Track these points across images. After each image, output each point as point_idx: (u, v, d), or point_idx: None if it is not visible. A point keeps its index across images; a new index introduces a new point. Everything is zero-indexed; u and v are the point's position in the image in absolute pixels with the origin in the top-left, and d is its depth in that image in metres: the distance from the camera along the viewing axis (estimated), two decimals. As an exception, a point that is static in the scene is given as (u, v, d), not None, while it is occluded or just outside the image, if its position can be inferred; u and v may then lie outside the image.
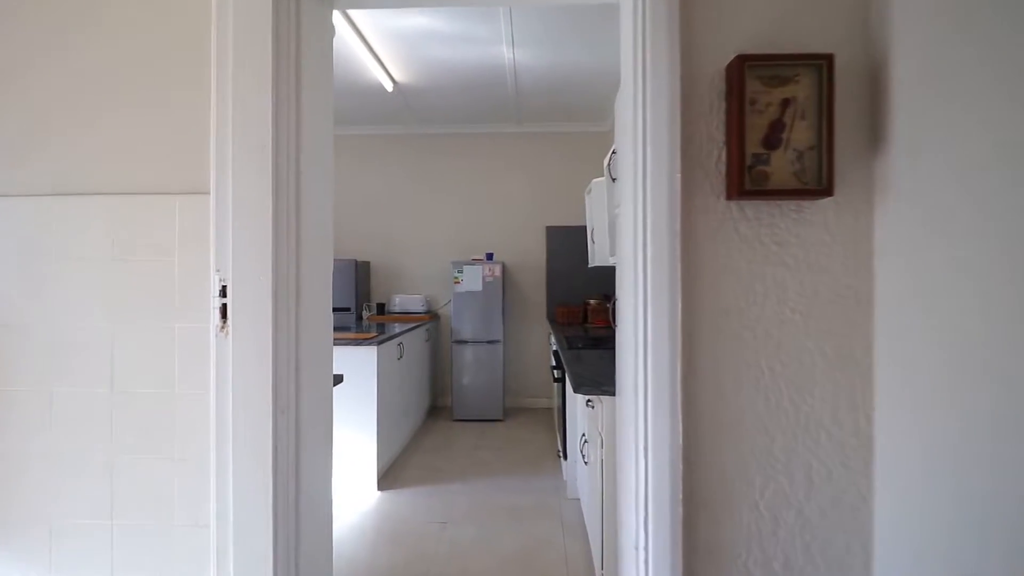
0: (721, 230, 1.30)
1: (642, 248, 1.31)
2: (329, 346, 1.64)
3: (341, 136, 5.62)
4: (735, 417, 1.29)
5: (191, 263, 1.37)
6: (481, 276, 5.02)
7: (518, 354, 5.57)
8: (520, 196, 5.59)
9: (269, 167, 1.32)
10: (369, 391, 3.42)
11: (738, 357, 1.29)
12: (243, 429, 1.31)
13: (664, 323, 1.27)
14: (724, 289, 1.30)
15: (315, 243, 1.50)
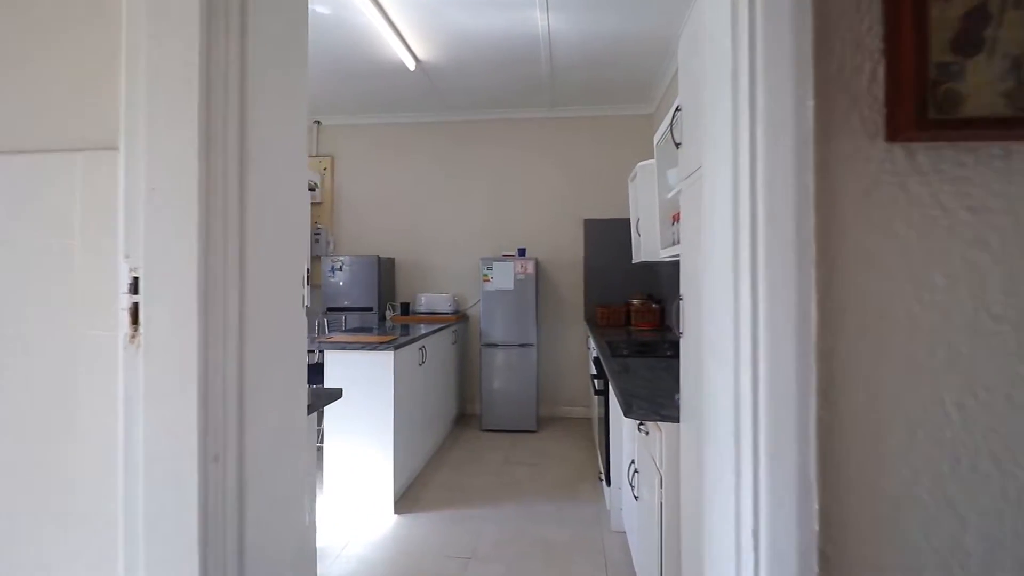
0: (878, 189, 0.83)
1: (748, 225, 0.84)
2: (298, 365, 1.23)
3: (362, 126, 5.29)
4: (902, 488, 0.81)
5: (101, 245, 0.98)
6: (512, 274, 4.59)
7: (553, 359, 5.12)
8: (555, 187, 5.13)
9: (194, 109, 0.91)
10: (385, 401, 3.03)
11: (906, 391, 0.82)
12: (158, 484, 0.92)
13: (787, 336, 0.81)
14: (882, 282, 0.82)
15: (273, 221, 1.09)
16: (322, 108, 5.05)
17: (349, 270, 4.83)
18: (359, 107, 5.01)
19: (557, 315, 5.11)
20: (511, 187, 5.17)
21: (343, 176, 5.34)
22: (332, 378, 3.07)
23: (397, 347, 3.04)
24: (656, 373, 2.33)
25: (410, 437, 3.37)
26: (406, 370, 3.29)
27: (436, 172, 5.24)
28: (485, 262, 4.63)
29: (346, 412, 3.06)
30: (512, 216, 5.17)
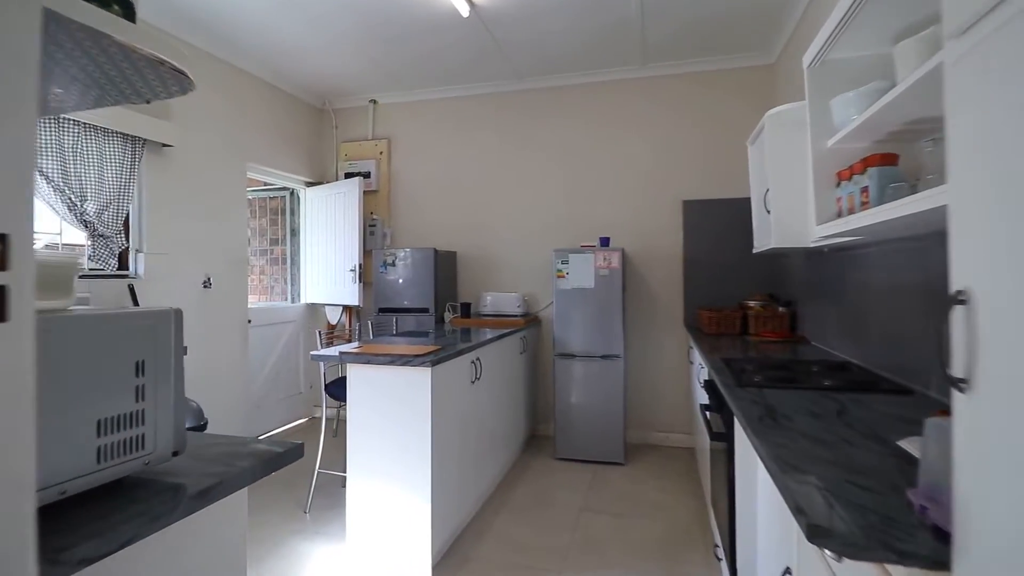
0: None
1: None
2: None
3: (420, 103, 4.65)
4: None
5: None
6: (593, 268, 3.73)
7: (644, 374, 4.18)
8: (646, 162, 4.19)
9: None
10: (419, 431, 2.31)
11: None
12: None
13: None
14: None
15: None
16: (376, 84, 4.48)
17: (403, 265, 4.21)
18: (415, 79, 4.38)
19: (649, 319, 4.17)
20: (591, 165, 4.30)
21: (400, 160, 4.74)
22: (357, 398, 2.40)
23: (436, 362, 2.31)
24: (829, 427, 1.39)
25: (457, 474, 2.63)
26: (451, 390, 2.55)
27: (503, 151, 4.49)
28: (559, 255, 3.81)
29: (371, 443, 2.37)
30: (593, 199, 4.30)
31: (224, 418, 3.80)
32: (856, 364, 2.30)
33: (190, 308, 3.52)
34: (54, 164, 2.65)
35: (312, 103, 4.78)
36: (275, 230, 5.04)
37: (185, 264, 3.49)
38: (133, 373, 0.92)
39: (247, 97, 4.05)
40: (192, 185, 3.55)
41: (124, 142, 3.02)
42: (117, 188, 2.97)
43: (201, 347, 3.60)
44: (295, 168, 4.60)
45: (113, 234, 2.97)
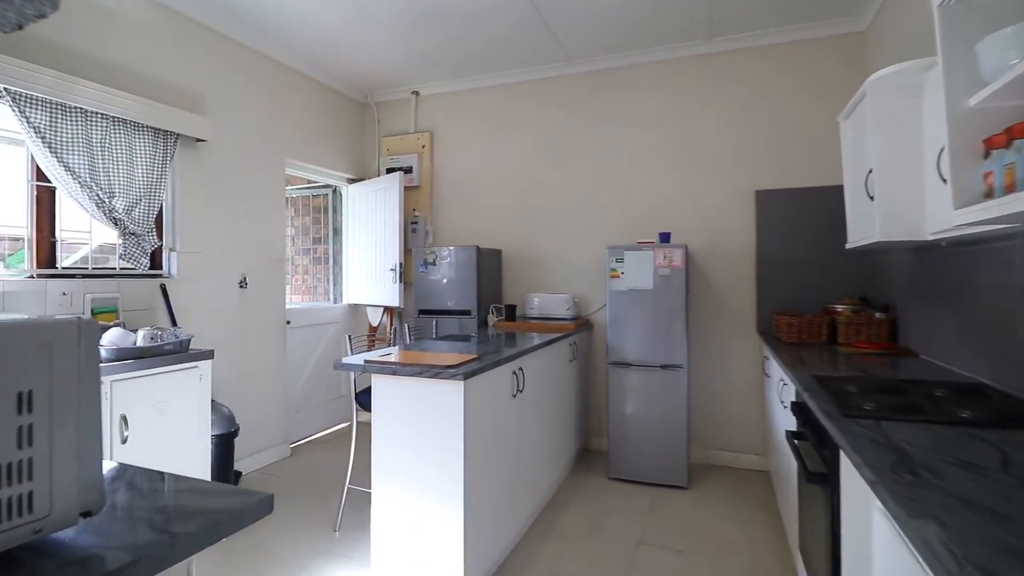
0: None
1: None
2: None
3: (464, 93, 4.39)
4: None
5: None
6: (652, 267, 3.33)
7: (710, 386, 3.73)
8: (712, 149, 3.74)
9: None
10: (450, 450, 2.02)
11: None
12: None
13: None
14: None
15: None
16: (418, 74, 4.25)
17: (444, 264, 3.95)
18: (459, 67, 4.11)
19: (715, 325, 3.72)
20: (650, 153, 3.89)
21: (443, 154, 4.49)
22: (383, 413, 2.14)
23: (470, 374, 2.01)
24: (999, 488, 0.98)
25: (496, 497, 2.33)
26: (489, 404, 2.25)
27: (551, 140, 4.15)
28: (614, 252, 3.43)
29: (397, 462, 2.11)
30: (651, 192, 3.89)
31: (261, 423, 3.67)
32: (993, 387, 1.82)
33: (225, 309, 3.40)
34: (81, 160, 2.55)
35: (354, 97, 4.62)
36: (318, 229, 4.92)
37: (220, 263, 3.37)
38: (14, 408, 0.66)
39: (285, 91, 3.91)
40: (228, 181, 3.43)
41: (155, 137, 2.91)
42: (148, 184, 2.86)
43: (237, 349, 3.48)
44: (336, 164, 4.44)
45: (144, 232, 2.86)
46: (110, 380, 2.24)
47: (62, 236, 2.69)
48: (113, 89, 2.65)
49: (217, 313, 3.34)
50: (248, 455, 3.55)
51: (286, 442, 3.90)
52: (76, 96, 2.48)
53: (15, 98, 2.31)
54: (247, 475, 3.49)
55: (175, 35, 3.10)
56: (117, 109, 2.66)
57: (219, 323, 3.35)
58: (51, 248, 2.61)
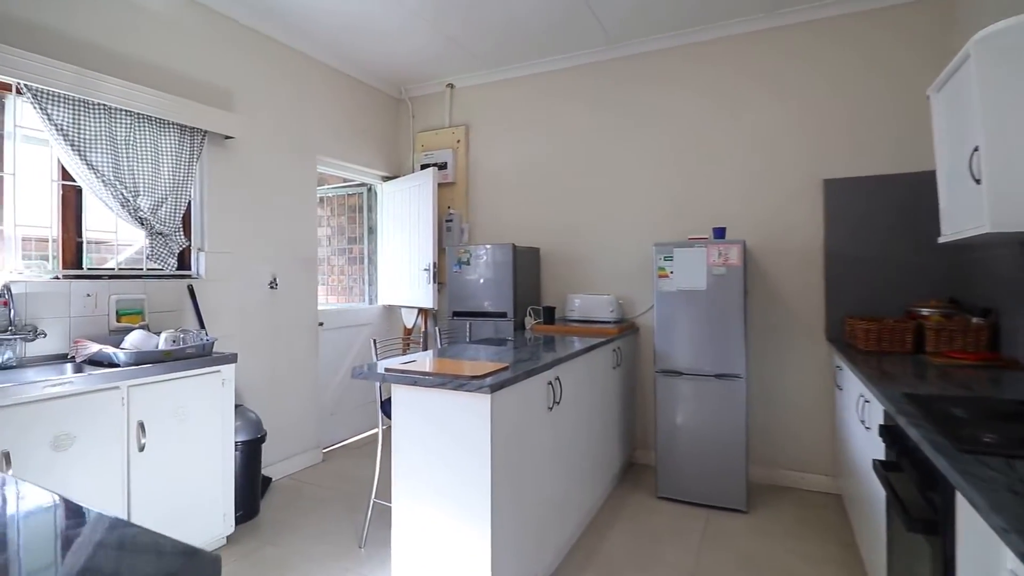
0: None
1: None
2: None
3: (501, 83, 4.18)
4: None
5: None
6: (705, 266, 3.02)
7: (771, 397, 3.37)
8: (772, 134, 3.38)
9: None
10: (476, 470, 1.80)
11: None
12: None
13: None
14: None
15: None
16: (453, 65, 4.07)
17: (479, 264, 3.74)
18: (494, 55, 3.90)
19: (778, 329, 3.35)
20: (702, 141, 3.56)
21: (479, 148, 4.29)
22: (403, 426, 1.94)
23: (498, 387, 1.78)
24: None
25: (529, 521, 2.09)
26: (521, 418, 2.02)
27: (593, 131, 3.88)
28: (662, 249, 3.13)
29: (418, 481, 1.90)
30: (703, 183, 3.56)
31: (292, 427, 3.57)
32: None
33: (255, 310, 3.31)
34: (105, 158, 2.48)
35: (388, 92, 4.48)
36: (353, 228, 4.83)
37: (250, 263, 3.28)
38: None
39: (317, 86, 3.81)
40: (258, 179, 3.34)
41: (181, 134, 2.83)
42: (174, 183, 2.78)
43: (267, 352, 3.39)
44: (371, 162, 4.32)
45: (171, 232, 2.79)
46: (127, 385, 2.14)
47: (109, 239, 2.65)
48: (137, 85, 2.58)
49: (246, 315, 3.25)
50: (279, 460, 3.45)
51: (319, 447, 3.80)
52: (99, 92, 2.42)
53: (36, 95, 2.25)
54: (277, 481, 3.39)
55: (201, 30, 3.03)
56: (141, 106, 2.59)
57: (248, 325, 3.26)
58: (77, 248, 2.56)
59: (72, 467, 1.96)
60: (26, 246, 2.43)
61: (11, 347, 2.17)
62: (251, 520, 2.85)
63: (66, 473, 1.94)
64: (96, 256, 2.76)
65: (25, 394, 1.83)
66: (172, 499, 2.30)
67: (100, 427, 2.05)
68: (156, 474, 2.24)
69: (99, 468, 2.04)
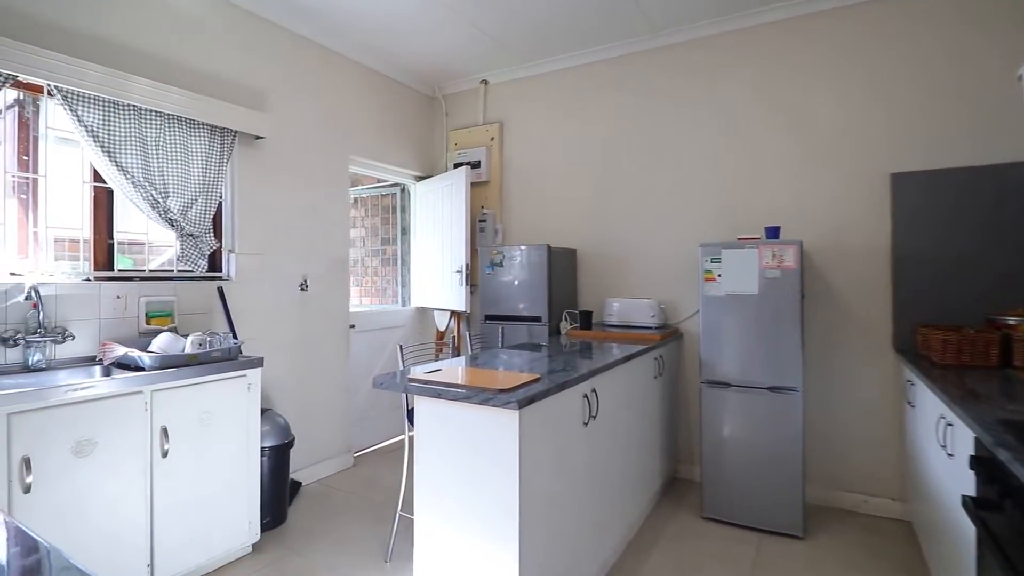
0: None
1: None
2: None
3: (536, 78, 4.02)
4: None
5: None
6: (756, 268, 2.77)
7: (832, 413, 3.09)
8: (832, 124, 3.09)
9: None
10: (503, 490, 1.65)
11: None
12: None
13: None
14: None
15: None
16: (487, 60, 3.94)
17: (512, 265, 3.60)
18: (529, 49, 3.75)
19: (839, 338, 3.07)
20: (752, 134, 3.30)
21: (513, 146, 4.15)
22: (426, 441, 1.81)
23: (527, 401, 1.63)
24: None
25: (561, 544, 1.93)
26: (553, 434, 1.86)
27: (634, 125, 3.67)
28: (708, 251, 2.91)
29: (441, 498, 1.77)
30: (754, 179, 3.30)
31: (323, 431, 3.51)
32: None
33: (285, 312, 3.27)
34: (135, 159, 2.46)
35: (422, 90, 4.40)
36: (386, 229, 4.77)
37: (280, 265, 3.24)
38: None
39: (349, 86, 3.75)
40: (289, 180, 3.30)
41: (212, 134, 2.80)
42: (204, 183, 2.75)
43: (297, 354, 3.34)
44: (404, 161, 4.24)
45: (202, 233, 2.76)
46: (150, 390, 2.10)
47: (152, 240, 2.65)
48: (166, 85, 2.56)
49: (277, 317, 3.21)
50: (309, 465, 3.40)
51: (349, 451, 3.73)
52: (128, 93, 2.40)
53: (66, 96, 2.24)
54: (307, 486, 3.34)
55: (233, 29, 3.00)
56: (171, 106, 2.56)
57: (278, 327, 3.22)
58: (108, 250, 2.56)
59: (93, 473, 1.92)
60: (58, 247, 2.43)
61: (41, 349, 2.17)
62: (279, 527, 2.79)
63: (87, 480, 1.90)
64: (139, 258, 2.77)
65: (46, 398, 1.80)
66: (196, 507, 2.24)
67: (122, 432, 2.00)
68: (180, 481, 2.19)
69: (121, 475, 2.00)
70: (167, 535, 2.14)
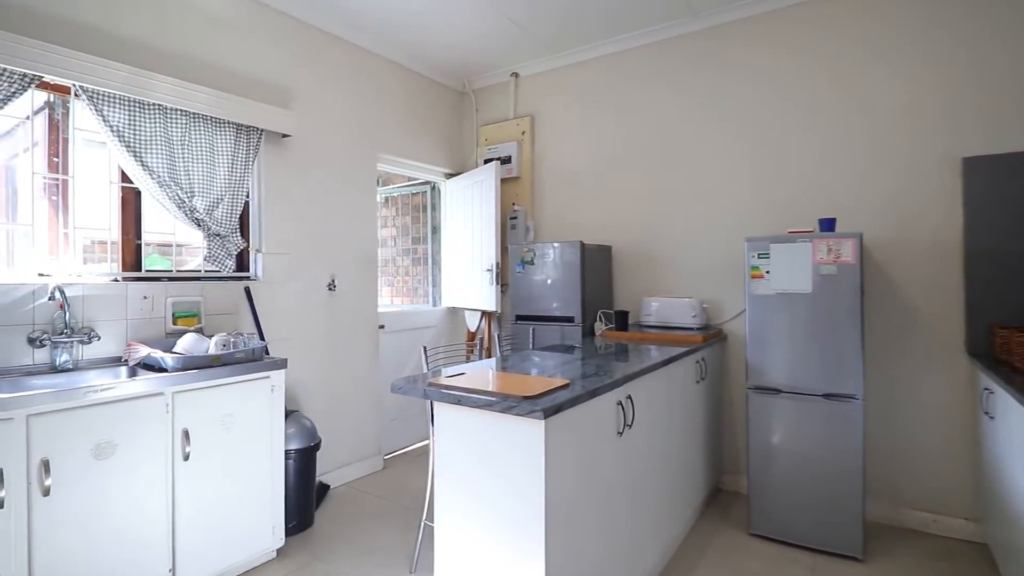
0: None
1: None
2: None
3: (568, 68, 3.87)
4: None
5: None
6: (810, 264, 2.54)
7: (896, 423, 2.81)
8: (891, 104, 2.82)
9: None
10: (527, 505, 1.51)
11: None
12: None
13: None
14: None
15: None
16: (518, 52, 3.81)
17: (544, 263, 3.45)
18: (562, 38, 3.60)
19: (904, 341, 2.79)
20: (804, 120, 3.05)
21: (545, 140, 4.00)
22: (445, 449, 1.70)
23: (554, 411, 1.48)
24: None
25: (592, 563, 1.77)
26: (583, 445, 1.71)
27: (673, 114, 3.47)
28: (755, 245, 2.69)
29: (463, 511, 1.64)
30: (803, 167, 3.05)
31: (352, 433, 3.46)
32: None
33: (313, 312, 3.22)
34: (160, 158, 2.45)
35: (451, 85, 4.30)
36: (417, 228, 4.70)
37: (308, 264, 3.20)
38: None
39: (377, 82, 3.68)
40: (316, 178, 3.25)
41: (237, 133, 2.77)
42: (230, 183, 2.73)
43: (325, 355, 3.29)
44: (434, 159, 4.15)
45: (228, 233, 2.73)
46: (172, 392, 2.06)
47: (181, 241, 2.65)
48: (191, 84, 2.53)
49: (304, 317, 3.16)
50: (338, 467, 3.35)
51: (379, 454, 3.67)
52: (152, 92, 2.38)
53: (92, 97, 2.24)
54: (336, 489, 3.29)
55: (258, 26, 2.97)
56: (196, 105, 2.54)
57: (306, 327, 3.18)
58: (136, 250, 2.55)
59: (114, 476, 1.88)
60: (88, 248, 2.44)
61: (67, 350, 2.16)
62: (305, 531, 2.74)
63: (107, 483, 1.87)
64: (177, 259, 2.77)
65: (64, 400, 1.77)
66: (218, 511, 2.20)
67: (143, 435, 1.97)
68: (202, 485, 2.14)
69: (142, 478, 1.96)
70: (189, 539, 2.10)
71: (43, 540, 1.72)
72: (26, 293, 2.12)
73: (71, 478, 1.79)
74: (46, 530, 1.73)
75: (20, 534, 1.68)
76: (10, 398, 1.67)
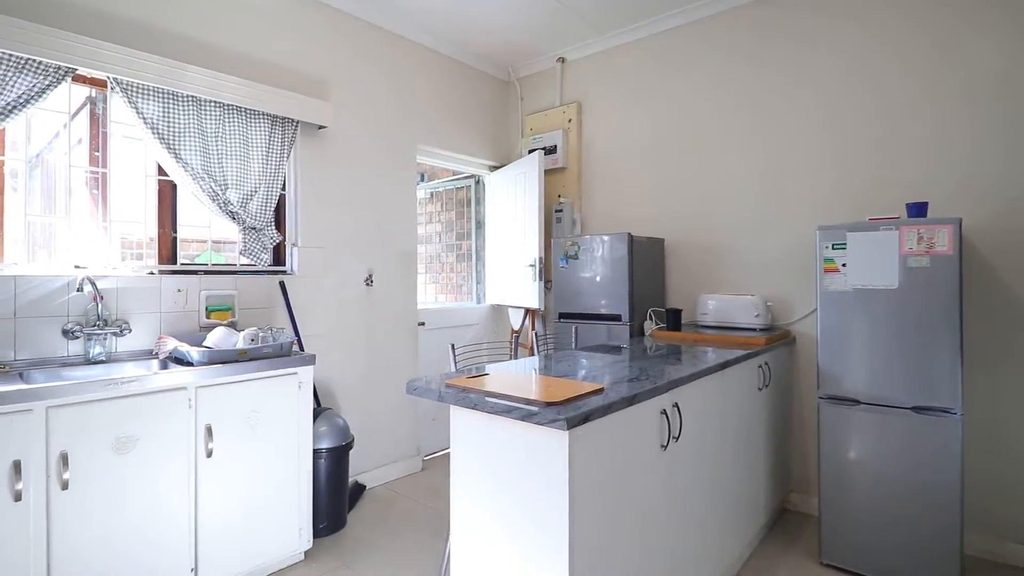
0: None
1: None
2: None
3: (617, 50, 3.62)
4: None
5: None
6: (896, 255, 2.19)
7: (1002, 442, 2.39)
8: (989, 69, 2.39)
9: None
10: (550, 526, 1.31)
11: None
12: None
13: None
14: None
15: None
16: (564, 35, 3.60)
17: (589, 258, 3.22)
18: (610, 17, 3.35)
19: (1013, 345, 2.36)
20: (883, 93, 2.67)
21: (593, 128, 3.76)
22: (462, 458, 1.53)
23: (580, 420, 1.28)
24: None
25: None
26: (617, 460, 1.49)
27: (728, 92, 3.15)
28: (829, 235, 2.35)
29: (479, 537, 1.47)
30: (884, 145, 2.66)
31: (390, 433, 3.37)
32: None
33: (349, 308, 3.15)
34: (194, 151, 2.43)
35: (495, 74, 4.14)
36: (461, 223, 4.58)
37: (345, 259, 3.13)
38: None
39: (416, 71, 3.57)
40: (354, 171, 3.18)
41: (272, 124, 2.73)
42: (264, 175, 2.69)
43: (362, 352, 3.21)
44: (476, 150, 4.01)
45: (263, 226, 2.69)
46: (195, 386, 2.01)
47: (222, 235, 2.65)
48: (224, 74, 2.50)
49: (340, 312, 3.10)
50: (375, 467, 3.27)
51: (419, 454, 3.57)
52: (186, 83, 2.36)
53: (126, 89, 2.23)
54: (372, 489, 3.20)
55: (293, 16, 2.92)
56: (230, 96, 2.51)
57: (342, 323, 3.11)
58: (172, 244, 2.55)
59: (134, 472, 1.85)
60: (126, 242, 2.46)
61: (101, 342, 2.17)
62: (336, 533, 2.66)
63: (127, 478, 1.83)
64: (230, 255, 2.77)
65: (84, 393, 1.74)
66: (243, 511, 2.14)
67: (165, 430, 1.93)
68: (225, 483, 2.09)
69: (163, 474, 1.92)
70: (212, 539, 2.05)
71: (61, 534, 1.70)
72: (61, 285, 2.13)
73: (90, 472, 1.76)
74: (64, 524, 1.70)
75: (39, 528, 1.66)
76: (29, 389, 1.65)
